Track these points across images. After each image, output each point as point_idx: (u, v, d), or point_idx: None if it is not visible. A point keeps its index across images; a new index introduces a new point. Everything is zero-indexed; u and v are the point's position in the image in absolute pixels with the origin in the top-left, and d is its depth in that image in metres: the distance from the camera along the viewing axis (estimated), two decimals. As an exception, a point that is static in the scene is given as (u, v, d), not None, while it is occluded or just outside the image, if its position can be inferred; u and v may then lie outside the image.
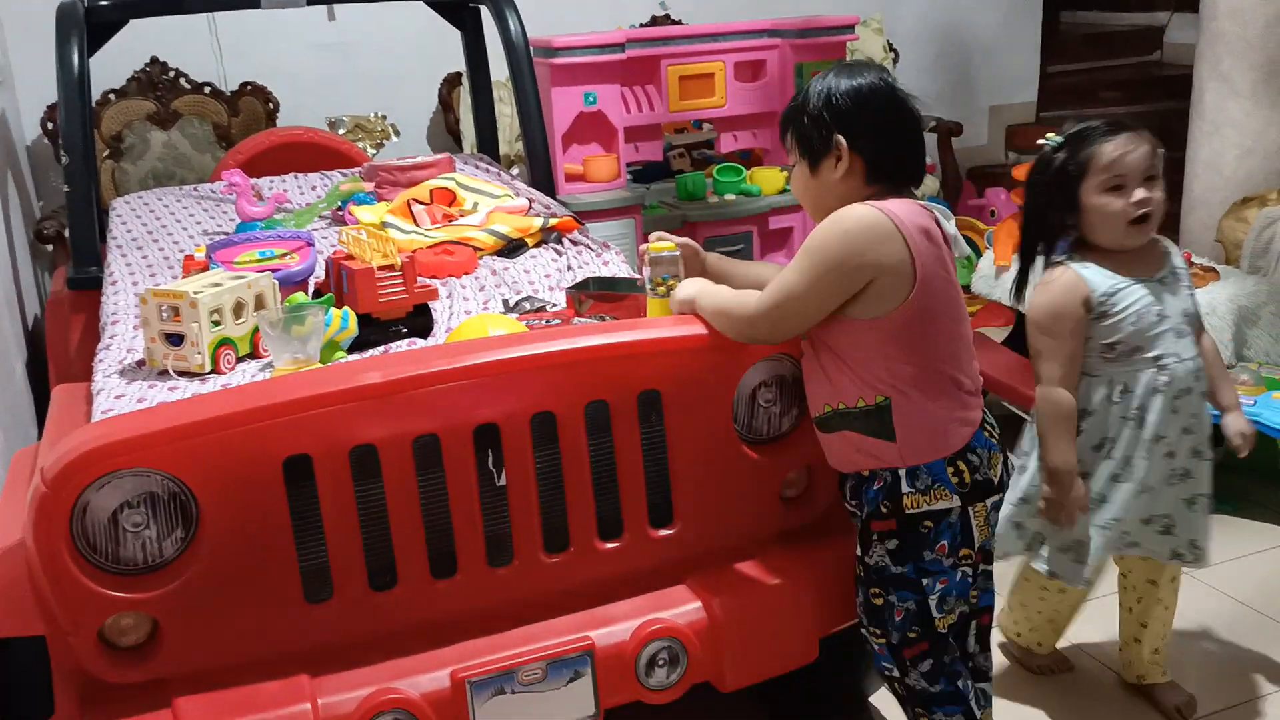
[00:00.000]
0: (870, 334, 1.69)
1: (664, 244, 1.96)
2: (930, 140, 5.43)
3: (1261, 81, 4.00)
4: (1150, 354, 2.00)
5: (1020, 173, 3.69)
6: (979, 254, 4.45)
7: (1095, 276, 2.00)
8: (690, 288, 1.88)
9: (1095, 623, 2.49)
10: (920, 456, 1.73)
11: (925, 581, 1.76)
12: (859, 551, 1.82)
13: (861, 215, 1.67)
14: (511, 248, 2.78)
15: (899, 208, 1.69)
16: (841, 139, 1.73)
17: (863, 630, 1.86)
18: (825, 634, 1.89)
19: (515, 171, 4.03)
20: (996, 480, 1.80)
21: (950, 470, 1.74)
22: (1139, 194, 1.96)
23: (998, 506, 1.84)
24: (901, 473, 1.73)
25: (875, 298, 1.67)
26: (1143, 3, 6.74)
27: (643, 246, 2.01)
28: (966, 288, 4.42)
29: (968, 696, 1.84)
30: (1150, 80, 6.12)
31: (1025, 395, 3.37)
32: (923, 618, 1.78)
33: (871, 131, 1.74)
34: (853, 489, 1.83)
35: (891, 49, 5.48)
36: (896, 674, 1.84)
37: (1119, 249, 2.01)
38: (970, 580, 1.82)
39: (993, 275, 3.64)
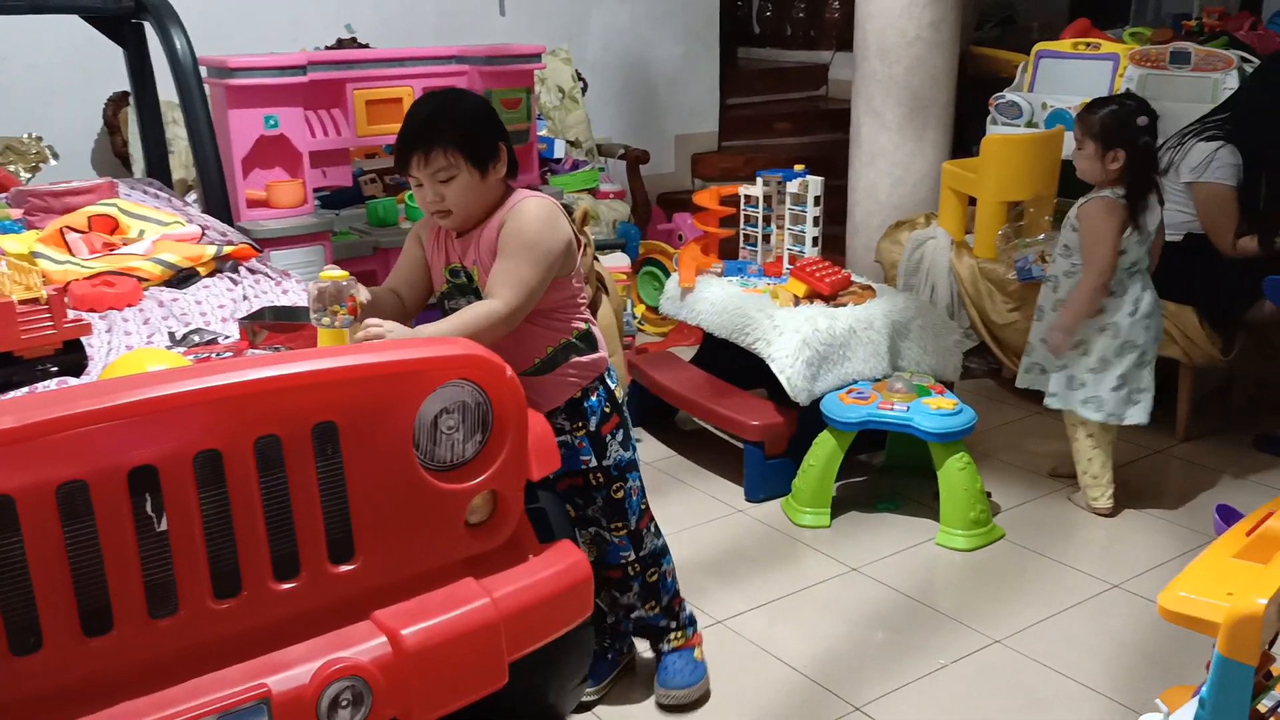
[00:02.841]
0: (568, 285, 2.19)
1: (333, 272, 1.93)
2: (619, 167, 5.61)
3: (907, 117, 4.41)
4: None
5: (700, 198, 3.89)
6: (667, 275, 4.62)
7: None
8: (400, 333, 1.96)
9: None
10: (606, 360, 2.28)
11: (637, 457, 2.34)
12: (595, 462, 2.26)
13: (546, 205, 2.11)
14: (181, 278, 2.64)
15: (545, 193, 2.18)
16: (503, 145, 2.11)
17: (602, 533, 2.32)
18: (515, 657, 1.89)
19: (192, 197, 3.82)
20: None
21: None
22: None
23: None
24: (605, 375, 2.26)
25: (567, 259, 2.15)
26: (808, 42, 7.29)
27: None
28: (655, 309, 4.59)
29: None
30: (817, 114, 6.62)
31: (710, 410, 3.54)
32: (643, 488, 2.34)
33: (507, 136, 2.15)
34: (573, 412, 2.23)
35: (580, 78, 5.63)
36: (633, 555, 2.33)
37: None
38: None
39: (679, 296, 3.77)
